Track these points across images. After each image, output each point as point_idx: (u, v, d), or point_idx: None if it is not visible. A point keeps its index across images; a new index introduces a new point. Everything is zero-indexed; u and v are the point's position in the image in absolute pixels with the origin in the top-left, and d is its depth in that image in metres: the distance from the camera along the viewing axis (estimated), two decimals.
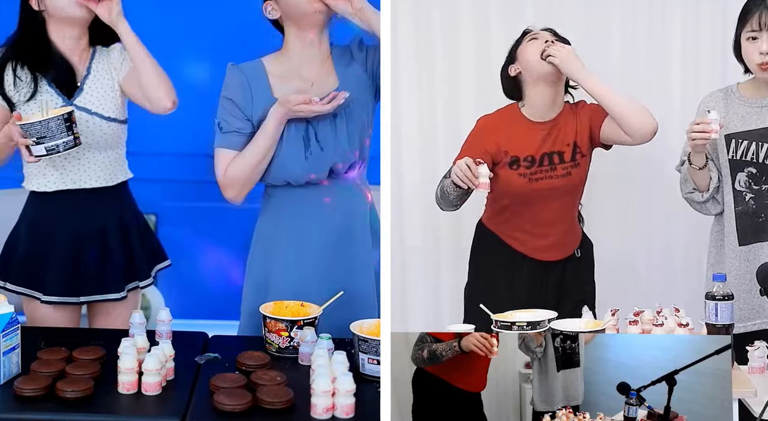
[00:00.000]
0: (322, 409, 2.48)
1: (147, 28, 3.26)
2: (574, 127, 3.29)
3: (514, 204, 3.29)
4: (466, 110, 4.08)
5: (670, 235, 3.89)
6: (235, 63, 3.15)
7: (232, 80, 3.13)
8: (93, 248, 3.25)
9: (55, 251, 3.23)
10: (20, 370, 2.69)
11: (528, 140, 3.28)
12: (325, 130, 3.12)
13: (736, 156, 3.22)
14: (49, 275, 3.22)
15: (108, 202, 3.29)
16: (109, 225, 3.28)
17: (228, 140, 3.11)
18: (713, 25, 3.91)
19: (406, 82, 4.01)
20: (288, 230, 3.16)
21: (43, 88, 3.20)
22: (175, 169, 4.33)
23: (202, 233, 4.43)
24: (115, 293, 3.27)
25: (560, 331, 2.76)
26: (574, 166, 3.29)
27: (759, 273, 2.96)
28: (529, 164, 3.26)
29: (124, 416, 2.54)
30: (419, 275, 4.14)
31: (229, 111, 3.11)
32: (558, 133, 3.29)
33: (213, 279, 4.46)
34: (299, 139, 3.11)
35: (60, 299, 3.22)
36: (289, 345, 2.88)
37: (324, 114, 3.08)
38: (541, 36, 3.29)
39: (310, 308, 2.97)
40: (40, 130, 3.05)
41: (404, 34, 4.01)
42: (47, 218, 3.25)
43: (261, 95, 3.11)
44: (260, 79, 3.13)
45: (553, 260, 3.33)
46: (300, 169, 3.13)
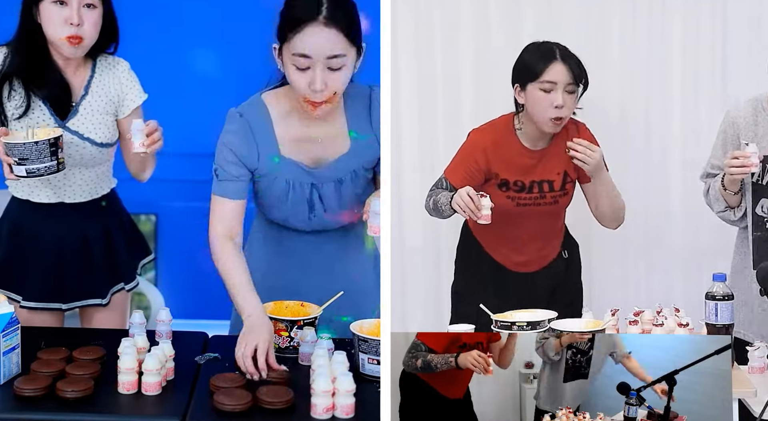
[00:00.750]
0: (322, 409, 2.48)
1: (151, 24, 3.24)
2: (565, 157, 3.24)
3: (498, 221, 3.19)
4: (466, 111, 4.09)
5: (670, 235, 3.89)
6: (235, 107, 2.97)
7: (233, 130, 2.93)
8: (75, 254, 3.17)
9: (37, 257, 3.15)
10: (20, 370, 2.69)
11: (519, 166, 3.25)
12: (329, 194, 3.00)
13: (761, 181, 3.13)
14: (29, 280, 3.14)
15: (92, 211, 3.20)
16: (92, 233, 3.20)
17: (225, 189, 2.94)
18: (713, 25, 3.91)
19: (406, 82, 4.01)
20: (285, 246, 3.12)
21: (36, 105, 3.07)
22: (175, 169, 4.32)
23: (202, 233, 4.42)
24: (97, 299, 3.21)
25: (560, 331, 2.77)
26: (562, 195, 3.28)
27: (759, 273, 2.96)
28: (519, 189, 3.25)
29: (124, 416, 2.54)
30: (419, 275, 4.14)
31: (228, 159, 2.93)
32: (549, 162, 3.25)
33: (213, 279, 4.44)
34: (304, 201, 3.00)
35: (39, 305, 3.15)
36: (289, 345, 2.88)
37: (330, 179, 2.97)
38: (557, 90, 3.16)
39: (310, 308, 2.97)
40: (23, 152, 2.91)
41: (404, 35, 4.01)
42: (29, 223, 3.16)
43: (266, 149, 2.94)
44: (264, 129, 2.94)
45: (533, 271, 3.34)
46: (303, 227, 3.06)
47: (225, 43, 4.36)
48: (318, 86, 2.79)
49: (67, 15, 2.99)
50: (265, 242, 3.15)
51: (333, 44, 2.77)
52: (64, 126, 3.08)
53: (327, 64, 2.79)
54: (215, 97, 3.13)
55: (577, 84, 3.18)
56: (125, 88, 3.17)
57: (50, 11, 3.00)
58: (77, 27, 2.99)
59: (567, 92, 3.17)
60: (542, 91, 3.16)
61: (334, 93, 2.83)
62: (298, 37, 2.77)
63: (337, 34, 2.77)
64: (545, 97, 3.16)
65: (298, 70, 2.80)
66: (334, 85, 2.81)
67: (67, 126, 3.09)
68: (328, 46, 2.76)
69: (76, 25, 2.99)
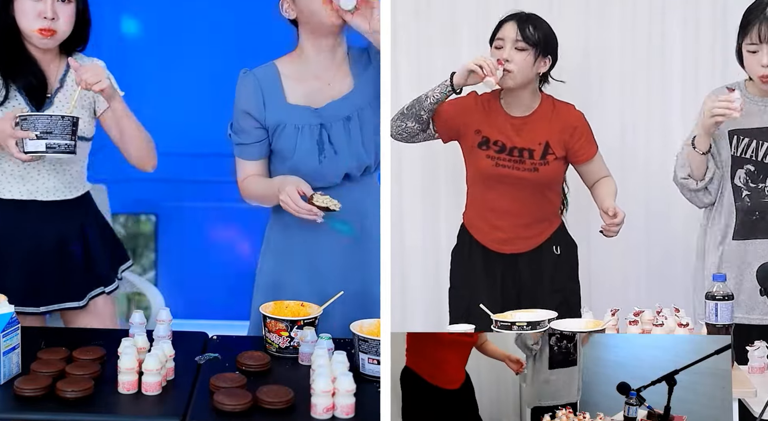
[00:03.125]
0: (322, 409, 2.48)
1: (150, 24, 3.25)
2: (548, 129, 3.33)
3: (477, 186, 3.37)
4: None
5: (670, 235, 3.89)
6: (249, 68, 3.11)
7: (244, 87, 3.09)
8: (51, 256, 3.17)
9: (12, 259, 3.14)
10: (20, 370, 2.69)
11: (501, 129, 3.34)
12: (338, 134, 3.11)
13: (737, 152, 3.24)
14: (6, 283, 3.09)
15: (67, 213, 3.20)
16: (68, 235, 3.20)
17: (246, 152, 3.12)
18: (713, 26, 3.91)
19: (406, 82, 4.01)
20: (299, 236, 3.15)
21: (12, 95, 3.09)
22: (175, 169, 4.32)
23: (202, 233, 4.43)
24: (74, 301, 3.21)
25: (560, 331, 2.77)
26: (543, 164, 3.32)
27: (759, 273, 2.96)
28: (499, 150, 3.33)
29: (124, 416, 2.54)
30: (419, 275, 4.14)
31: (243, 123, 3.09)
32: (529, 131, 3.33)
33: (213, 279, 4.46)
34: (313, 144, 3.09)
35: (17, 309, 3.14)
36: (289, 345, 2.88)
37: (337, 117, 3.09)
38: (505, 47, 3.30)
39: (310, 308, 2.97)
40: (48, 125, 2.94)
41: (404, 35, 4.01)
42: (4, 225, 3.15)
43: (274, 100, 3.09)
44: (273, 83, 3.10)
45: (513, 253, 3.37)
46: (314, 174, 3.10)
47: (225, 43, 4.37)
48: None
49: (41, 9, 3.05)
50: (277, 252, 3.20)
51: None
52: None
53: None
54: (215, 97, 3.14)
55: (528, 44, 3.27)
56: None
57: (24, 4, 3.06)
58: (51, 21, 3.05)
59: (517, 49, 3.28)
60: (495, 49, 3.32)
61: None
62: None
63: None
64: (497, 53, 3.31)
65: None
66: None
67: None
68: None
69: (50, 19, 3.04)
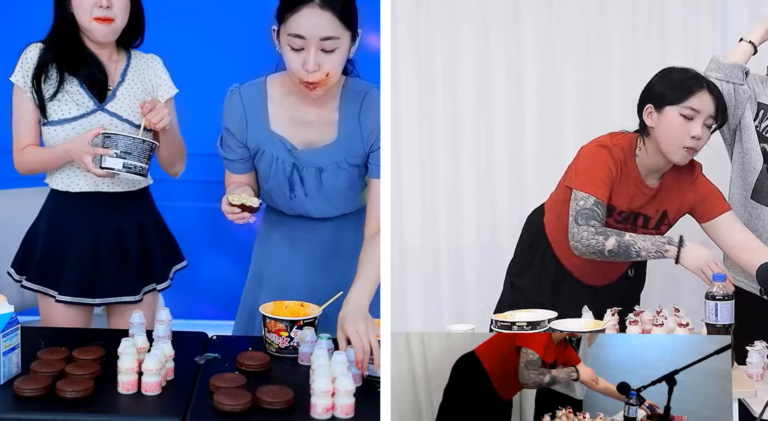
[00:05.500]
0: (322, 409, 2.48)
1: (151, 24, 3.26)
2: (673, 198, 3.15)
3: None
4: (465, 110, 4.10)
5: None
6: (239, 83, 3.08)
7: (230, 107, 3.06)
8: (110, 250, 3.22)
9: (73, 251, 3.19)
10: (20, 370, 2.69)
11: (628, 198, 3.14)
12: (309, 179, 3.07)
13: (760, 128, 3.23)
14: (66, 274, 3.19)
15: (127, 206, 3.25)
16: (127, 228, 3.24)
17: (232, 166, 3.12)
18: (714, 26, 3.92)
19: (405, 82, 4.02)
20: (293, 234, 3.17)
21: (74, 89, 3.14)
22: None
23: (202, 233, 4.43)
24: (130, 296, 3.25)
25: (560, 331, 2.77)
26: (653, 233, 3.16)
27: (759, 273, 2.96)
28: (620, 219, 3.15)
29: (124, 416, 2.54)
30: (419, 275, 4.14)
31: (227, 141, 3.09)
32: (653, 201, 3.16)
33: (213, 279, 4.46)
34: (285, 179, 3.08)
35: (74, 300, 3.19)
36: (289, 345, 2.88)
37: (311, 164, 3.04)
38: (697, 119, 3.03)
39: (309, 308, 2.97)
40: (129, 146, 3.01)
41: (404, 35, 4.02)
42: (66, 218, 3.21)
43: (256, 123, 3.05)
44: (258, 106, 3.05)
45: (596, 285, 3.27)
46: (285, 207, 3.14)
47: (225, 43, 4.37)
48: (311, 66, 2.87)
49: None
50: (276, 237, 3.21)
51: (327, 26, 2.85)
52: (103, 108, 3.16)
53: (321, 46, 2.86)
54: (215, 97, 3.14)
55: (715, 120, 3.05)
56: (159, 80, 3.28)
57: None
58: (107, 9, 3.11)
59: (705, 125, 3.04)
60: (682, 117, 3.02)
61: (327, 74, 2.90)
62: (293, 18, 2.86)
63: (331, 17, 2.85)
64: (683, 124, 3.02)
65: (293, 51, 2.88)
66: (327, 67, 2.89)
67: (105, 108, 3.16)
68: (322, 27, 2.84)
69: (106, 8, 3.10)
